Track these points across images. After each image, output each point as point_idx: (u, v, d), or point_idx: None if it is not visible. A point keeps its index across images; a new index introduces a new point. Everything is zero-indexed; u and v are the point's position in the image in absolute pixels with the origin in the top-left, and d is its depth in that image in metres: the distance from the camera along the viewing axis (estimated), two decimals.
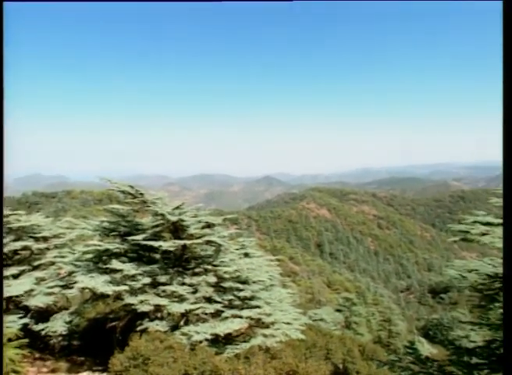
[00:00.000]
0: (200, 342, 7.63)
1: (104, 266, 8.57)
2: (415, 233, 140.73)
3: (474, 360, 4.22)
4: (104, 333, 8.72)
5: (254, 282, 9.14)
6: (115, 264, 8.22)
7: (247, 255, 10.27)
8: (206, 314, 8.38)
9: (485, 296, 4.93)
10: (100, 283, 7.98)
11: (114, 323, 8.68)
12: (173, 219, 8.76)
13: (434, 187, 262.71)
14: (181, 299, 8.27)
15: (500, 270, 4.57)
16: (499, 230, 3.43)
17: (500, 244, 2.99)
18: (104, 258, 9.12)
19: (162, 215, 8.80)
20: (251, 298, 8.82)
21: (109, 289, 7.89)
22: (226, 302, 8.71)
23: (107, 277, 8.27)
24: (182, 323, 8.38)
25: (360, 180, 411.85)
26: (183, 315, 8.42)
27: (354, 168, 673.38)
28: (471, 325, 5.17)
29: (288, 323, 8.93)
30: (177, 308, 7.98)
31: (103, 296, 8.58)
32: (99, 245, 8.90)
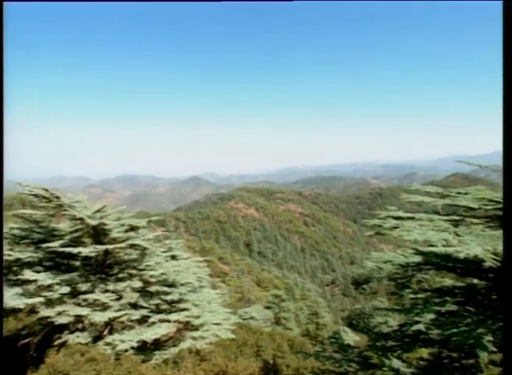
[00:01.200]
0: (126, 351, 7.29)
1: (15, 278, 7.81)
2: (338, 229, 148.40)
3: (390, 343, 4.54)
4: (15, 352, 7.95)
5: (181, 284, 8.96)
6: (27, 274, 7.53)
7: (174, 257, 10.02)
8: (132, 321, 8.03)
9: (398, 284, 5.32)
10: (9, 296, 7.26)
11: (27, 340, 7.95)
12: (94, 223, 8.26)
13: (355, 184, 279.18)
14: (104, 307, 7.82)
15: (411, 259, 4.96)
16: (407, 224, 3.74)
17: (408, 237, 3.26)
18: (14, 268, 8.31)
19: (81, 219, 8.26)
20: (179, 301, 8.63)
21: (21, 302, 7.21)
22: (153, 307, 8.42)
23: (18, 290, 7.56)
24: (106, 332, 7.94)
25: (287, 180, 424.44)
26: (106, 324, 7.98)
27: (280, 167, 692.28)
28: (389, 311, 5.49)
29: (218, 324, 8.89)
30: (100, 317, 7.54)
31: (14, 311, 7.82)
32: (8, 255, 8.09)
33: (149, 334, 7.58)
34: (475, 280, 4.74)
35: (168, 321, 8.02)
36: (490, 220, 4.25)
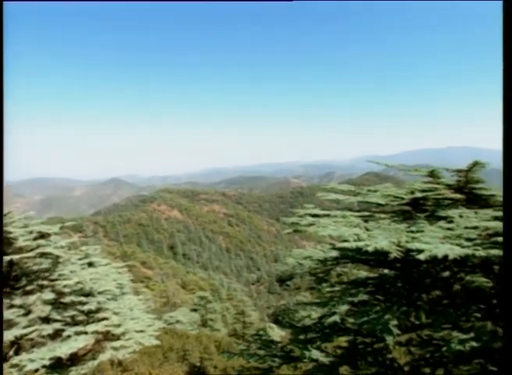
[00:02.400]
0: (37, 371, 6.70)
1: None
2: (262, 228, 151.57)
3: (310, 335, 4.75)
4: None
5: (99, 293, 8.47)
6: None
7: (91, 264, 9.44)
8: (43, 336, 7.40)
9: (317, 278, 5.58)
10: None
11: None
12: None
13: (277, 184, 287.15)
14: (9, 325, 7.11)
15: (329, 254, 5.23)
16: (323, 220, 3.95)
17: (323, 233, 3.45)
18: None
19: None
20: (97, 311, 8.15)
21: None
22: (68, 319, 7.85)
23: None
24: (11, 352, 7.22)
25: (211, 180, 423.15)
26: (12, 343, 7.26)
27: (204, 168, 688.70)
28: (310, 305, 5.72)
29: (141, 331, 8.57)
30: (4, 336, 6.84)
31: None
32: None
33: (64, 349, 7.05)
34: (386, 270, 5.15)
35: (86, 333, 7.53)
36: (395, 215, 4.67)
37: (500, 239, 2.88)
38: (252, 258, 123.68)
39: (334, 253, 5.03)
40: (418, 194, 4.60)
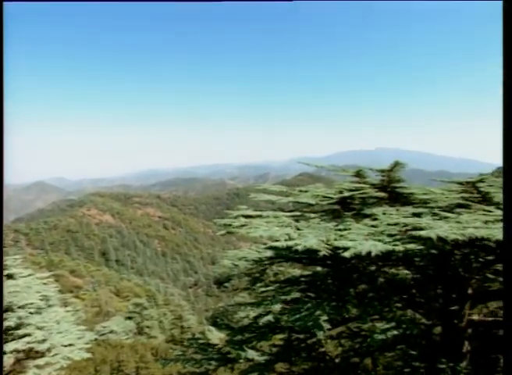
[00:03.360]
0: None
1: None
2: (199, 231, 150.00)
3: (246, 336, 4.79)
4: None
5: (20, 307, 7.82)
6: None
7: (11, 276, 8.69)
8: None
9: (253, 279, 5.65)
10: None
11: None
12: None
13: (213, 186, 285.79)
14: None
15: (264, 254, 5.31)
16: (256, 221, 4.01)
17: (255, 234, 3.50)
18: None
19: None
20: (18, 327, 7.53)
21: None
22: None
23: None
24: None
25: (145, 182, 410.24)
26: None
27: (139, 170, 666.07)
28: (247, 305, 5.76)
29: (69, 345, 8.07)
30: None
31: None
32: None
33: None
34: (319, 268, 5.36)
35: (4, 353, 6.91)
36: (325, 214, 4.88)
37: (415, 233, 3.13)
38: (189, 261, 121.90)
39: (269, 253, 5.13)
40: (346, 194, 4.84)
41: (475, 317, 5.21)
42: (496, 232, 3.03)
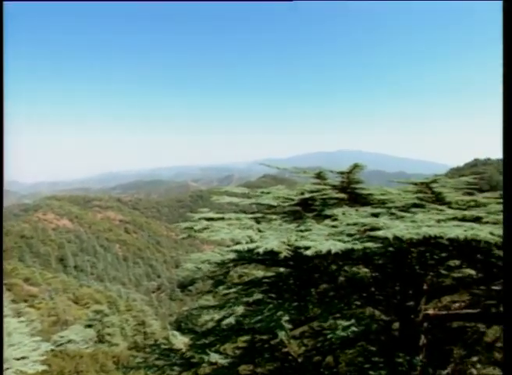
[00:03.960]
0: None
1: None
2: (162, 234, 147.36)
3: (209, 339, 4.75)
4: None
5: None
6: None
7: None
8: None
9: (216, 281, 5.62)
10: None
11: None
12: None
13: (176, 188, 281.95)
14: None
15: (227, 256, 5.29)
16: (217, 224, 4.00)
17: (216, 237, 3.48)
18: None
19: None
20: None
21: None
22: None
23: None
24: None
25: (105, 185, 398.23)
26: None
27: (99, 172, 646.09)
28: (209, 309, 5.72)
29: (23, 358, 7.67)
30: None
31: None
32: None
33: None
34: (282, 269, 5.40)
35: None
36: (286, 215, 4.93)
37: (373, 233, 3.23)
38: (152, 265, 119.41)
39: (232, 255, 5.12)
40: (307, 195, 4.92)
41: (430, 311, 5.44)
42: (448, 230, 3.17)
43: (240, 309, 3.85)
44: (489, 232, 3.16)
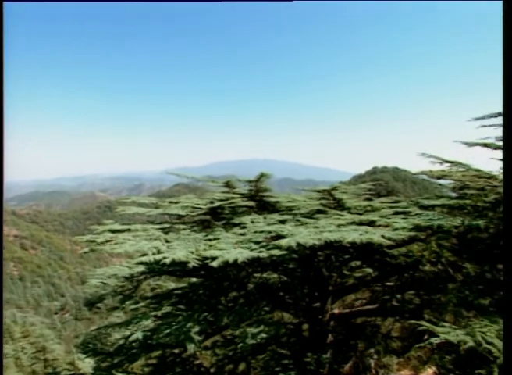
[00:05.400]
0: None
1: None
2: (65, 249, 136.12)
3: (118, 358, 4.48)
4: None
5: None
6: None
7: None
8: None
9: (124, 296, 5.33)
10: None
11: None
12: None
13: (82, 199, 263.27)
14: None
15: (136, 270, 5.06)
16: (123, 236, 3.81)
17: (120, 249, 3.31)
18: None
19: None
20: None
21: None
22: None
23: None
24: None
25: None
26: None
27: None
28: (118, 326, 5.42)
29: None
30: None
31: None
32: None
33: None
34: (194, 279, 5.31)
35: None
36: (195, 225, 4.89)
37: (277, 243, 3.35)
38: (54, 283, 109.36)
39: (141, 268, 4.91)
40: (216, 204, 4.94)
41: (336, 310, 5.80)
42: (346, 234, 3.42)
43: (148, 324, 3.69)
44: (381, 235, 3.48)
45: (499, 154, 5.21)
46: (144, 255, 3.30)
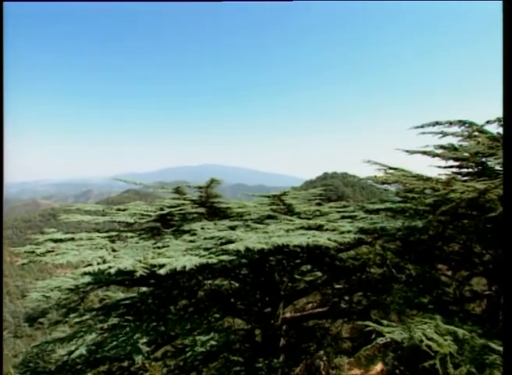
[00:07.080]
0: None
1: None
2: (4, 261, 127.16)
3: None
4: None
5: None
6: None
7: None
8: None
9: (69, 309, 5.07)
10: None
11: None
12: None
13: (23, 206, 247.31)
14: None
15: (81, 281, 4.83)
16: (66, 245, 3.63)
17: (61, 260, 3.15)
18: None
19: None
20: None
21: None
22: None
23: None
24: None
25: None
26: None
27: None
28: (62, 341, 5.15)
29: None
30: None
31: None
32: None
33: None
34: (144, 288, 5.16)
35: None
36: (144, 232, 4.77)
37: (225, 247, 3.36)
38: None
39: (86, 279, 4.71)
40: (166, 211, 4.85)
41: (288, 315, 5.87)
42: (294, 238, 3.50)
43: (94, 337, 3.53)
44: (327, 238, 3.59)
45: (438, 161, 5.59)
46: (89, 265, 3.16)
